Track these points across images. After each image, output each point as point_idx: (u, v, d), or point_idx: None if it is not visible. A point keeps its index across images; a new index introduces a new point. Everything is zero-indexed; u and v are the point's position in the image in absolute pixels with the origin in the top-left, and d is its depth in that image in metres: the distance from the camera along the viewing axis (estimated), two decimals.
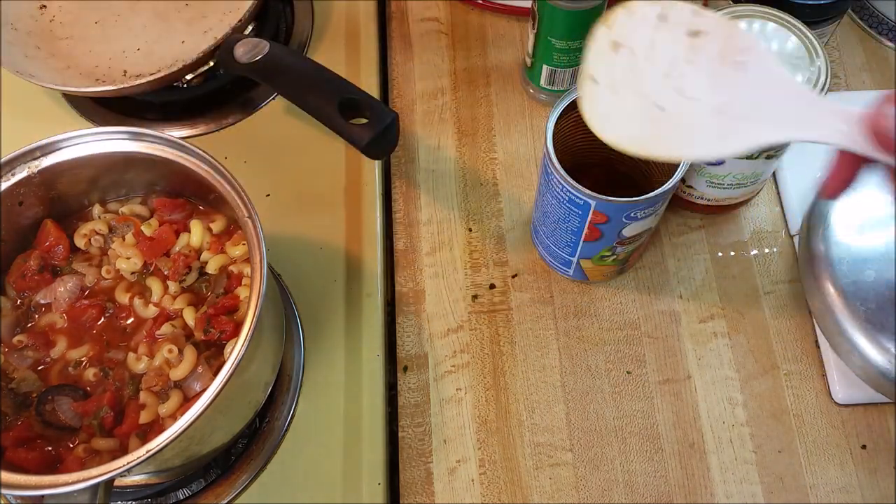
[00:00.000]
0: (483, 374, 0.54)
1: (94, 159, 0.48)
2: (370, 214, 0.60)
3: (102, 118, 0.65)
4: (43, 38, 0.66)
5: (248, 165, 0.62)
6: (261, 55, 0.57)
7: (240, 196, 0.45)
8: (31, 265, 0.49)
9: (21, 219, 0.49)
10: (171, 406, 0.45)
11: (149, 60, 0.64)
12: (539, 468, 0.51)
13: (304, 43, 0.68)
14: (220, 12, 0.67)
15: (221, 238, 0.50)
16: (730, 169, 0.53)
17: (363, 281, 0.57)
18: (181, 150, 0.47)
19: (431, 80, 0.67)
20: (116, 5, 0.68)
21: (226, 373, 0.40)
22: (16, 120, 0.65)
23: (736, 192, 0.55)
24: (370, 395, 0.53)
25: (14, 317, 0.48)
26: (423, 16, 0.70)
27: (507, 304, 0.57)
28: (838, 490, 0.50)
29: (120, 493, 0.50)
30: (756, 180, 0.55)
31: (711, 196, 0.56)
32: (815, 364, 0.54)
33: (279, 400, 0.52)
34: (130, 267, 0.49)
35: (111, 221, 0.51)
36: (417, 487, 0.51)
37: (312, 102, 0.54)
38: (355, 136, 0.52)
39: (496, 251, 0.59)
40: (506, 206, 0.61)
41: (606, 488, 0.51)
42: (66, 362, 0.47)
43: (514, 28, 0.69)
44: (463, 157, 0.63)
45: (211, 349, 0.47)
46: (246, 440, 0.51)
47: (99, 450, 0.44)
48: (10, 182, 0.47)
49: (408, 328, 0.56)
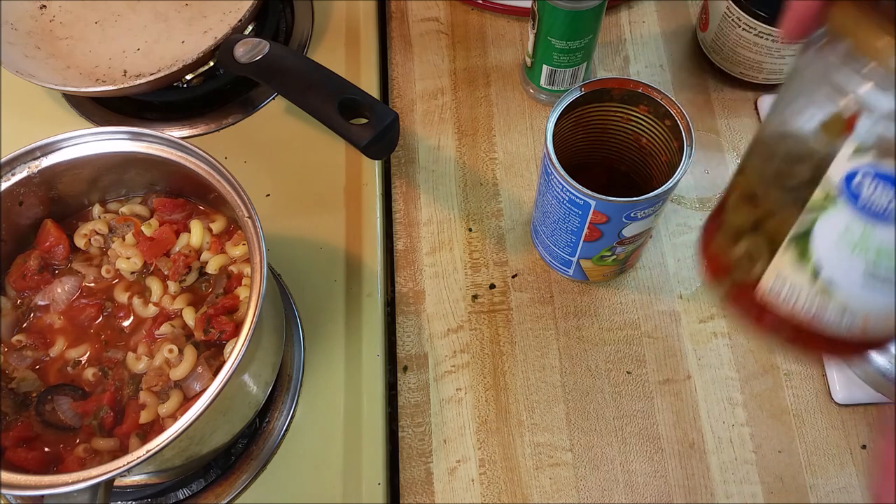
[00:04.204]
0: (483, 374, 0.54)
1: (94, 159, 0.48)
2: (370, 214, 0.60)
3: (102, 118, 0.65)
4: (43, 38, 0.66)
5: (248, 165, 0.62)
6: (261, 55, 0.57)
7: (240, 196, 0.45)
8: (31, 265, 0.49)
9: (21, 219, 0.49)
10: (171, 406, 0.45)
11: (149, 60, 0.64)
12: (539, 468, 0.51)
13: (304, 43, 0.68)
14: (220, 12, 0.67)
15: (221, 238, 0.50)
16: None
17: (363, 281, 0.57)
18: (181, 150, 0.47)
19: (431, 80, 0.67)
20: (116, 5, 0.68)
21: (226, 373, 0.40)
22: (16, 120, 0.65)
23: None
24: (370, 395, 0.53)
25: (14, 317, 0.48)
26: (423, 16, 0.70)
27: (507, 304, 0.57)
28: (838, 490, 0.50)
29: (120, 493, 0.50)
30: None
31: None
32: (815, 364, 0.54)
33: (279, 400, 0.52)
34: (130, 267, 0.49)
35: (111, 221, 0.51)
36: (417, 487, 0.51)
37: (312, 102, 0.54)
38: (355, 136, 0.52)
39: (496, 251, 0.59)
40: (506, 206, 0.61)
41: (606, 488, 0.51)
42: (65, 361, 0.47)
43: (514, 28, 0.69)
44: (463, 157, 0.63)
45: (211, 349, 0.47)
46: (246, 440, 0.51)
47: (99, 450, 0.44)
48: (10, 182, 0.47)
49: (408, 328, 0.56)
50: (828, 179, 0.26)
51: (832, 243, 0.26)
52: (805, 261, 0.27)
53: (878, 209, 0.25)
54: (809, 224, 0.27)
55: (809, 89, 0.27)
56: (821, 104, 0.26)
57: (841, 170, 0.25)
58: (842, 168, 0.25)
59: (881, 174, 0.25)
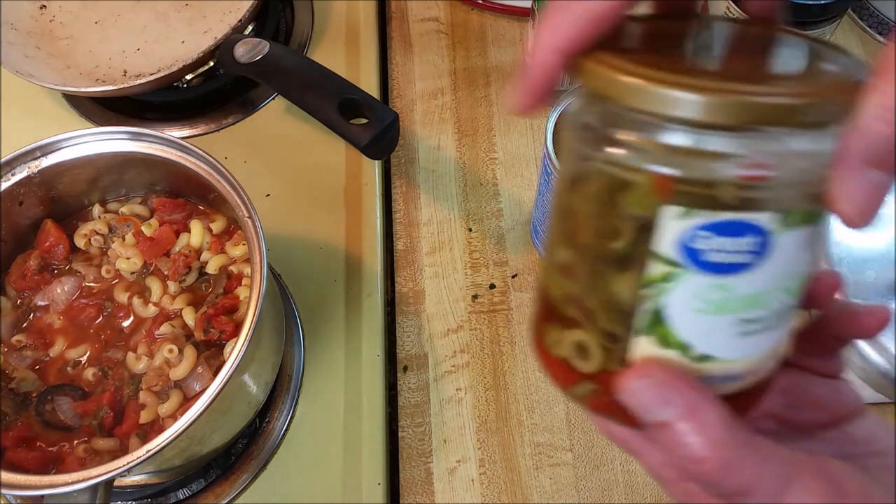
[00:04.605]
0: (483, 374, 0.54)
1: (94, 159, 0.48)
2: (370, 214, 0.60)
3: (102, 118, 0.65)
4: (43, 38, 0.66)
5: (248, 165, 0.62)
6: (261, 55, 0.57)
7: (240, 196, 0.45)
8: (31, 265, 0.49)
9: (21, 219, 0.49)
10: (171, 406, 0.45)
11: (149, 60, 0.64)
12: (539, 468, 0.51)
13: (304, 43, 0.68)
14: (220, 12, 0.67)
15: (221, 238, 0.50)
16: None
17: (363, 281, 0.57)
18: (181, 150, 0.47)
19: (431, 80, 0.67)
20: (116, 5, 0.68)
21: (226, 373, 0.40)
22: (16, 120, 0.65)
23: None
24: (370, 395, 0.53)
25: (14, 317, 0.48)
26: (423, 16, 0.70)
27: (507, 304, 0.57)
28: None
29: (120, 493, 0.50)
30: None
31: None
32: None
33: (279, 400, 0.52)
34: (130, 267, 0.49)
35: (111, 221, 0.51)
36: (417, 487, 0.51)
37: (312, 102, 0.54)
38: (355, 136, 0.52)
39: (496, 251, 0.59)
40: (506, 206, 0.61)
41: (606, 488, 0.51)
42: (65, 361, 0.47)
43: (514, 28, 0.69)
44: (463, 157, 0.63)
45: (211, 349, 0.47)
46: (246, 440, 0.51)
47: (99, 450, 0.44)
48: (10, 182, 0.47)
49: (408, 328, 0.56)
50: (659, 254, 0.22)
51: (694, 316, 0.22)
52: (669, 345, 0.23)
53: (726, 261, 0.21)
54: (659, 306, 0.22)
55: (579, 160, 0.24)
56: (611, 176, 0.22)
57: (671, 239, 0.21)
58: (671, 237, 0.21)
59: (713, 226, 0.21)
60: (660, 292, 0.22)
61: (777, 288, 0.22)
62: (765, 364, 0.24)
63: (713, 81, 0.20)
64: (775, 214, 0.21)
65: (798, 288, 0.23)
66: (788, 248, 0.22)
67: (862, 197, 0.20)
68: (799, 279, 0.23)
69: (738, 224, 0.21)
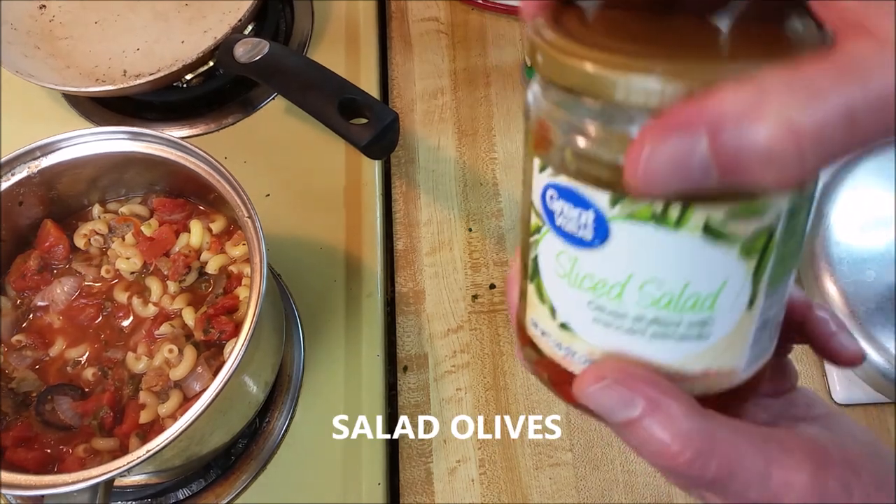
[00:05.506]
0: (483, 374, 0.54)
1: (94, 159, 0.48)
2: (370, 214, 0.59)
3: (102, 118, 0.65)
4: (43, 38, 0.66)
5: (248, 165, 0.62)
6: (261, 55, 0.57)
7: (240, 196, 0.45)
8: (31, 265, 0.49)
9: (21, 219, 0.49)
10: (171, 406, 0.45)
11: (149, 60, 0.64)
12: (539, 468, 0.51)
13: (304, 43, 0.68)
14: (219, 12, 0.67)
15: (221, 238, 0.50)
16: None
17: (363, 281, 0.57)
18: (181, 150, 0.47)
19: (431, 80, 0.67)
20: (116, 5, 0.68)
21: (226, 373, 0.40)
22: (16, 120, 0.65)
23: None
24: (370, 395, 0.53)
25: (14, 317, 0.48)
26: (423, 16, 0.70)
27: (507, 304, 0.57)
28: None
29: (120, 493, 0.50)
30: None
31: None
32: (816, 364, 0.54)
33: (279, 400, 0.52)
34: (130, 267, 0.49)
35: (111, 221, 0.51)
36: (417, 487, 0.51)
37: (312, 102, 0.54)
38: (355, 136, 0.52)
39: (496, 251, 0.59)
40: (506, 206, 0.61)
41: (606, 488, 0.51)
42: (65, 361, 0.47)
43: (514, 28, 0.69)
44: (463, 157, 0.63)
45: (211, 349, 0.47)
46: (246, 440, 0.51)
47: (99, 450, 0.44)
48: (10, 182, 0.47)
49: (408, 328, 0.56)
50: (533, 204, 0.22)
51: (557, 279, 0.22)
52: (542, 300, 0.23)
53: (570, 230, 0.21)
54: (536, 255, 0.23)
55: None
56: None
57: (537, 191, 0.21)
58: (537, 189, 0.21)
59: (557, 187, 0.21)
60: (535, 242, 0.23)
61: (634, 287, 0.21)
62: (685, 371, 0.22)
63: (609, 42, 0.20)
64: (604, 193, 0.20)
65: (692, 309, 0.21)
66: (632, 243, 0.20)
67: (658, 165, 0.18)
68: (676, 296, 0.21)
69: (574, 193, 0.21)
